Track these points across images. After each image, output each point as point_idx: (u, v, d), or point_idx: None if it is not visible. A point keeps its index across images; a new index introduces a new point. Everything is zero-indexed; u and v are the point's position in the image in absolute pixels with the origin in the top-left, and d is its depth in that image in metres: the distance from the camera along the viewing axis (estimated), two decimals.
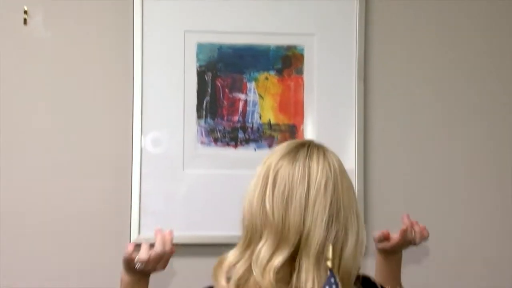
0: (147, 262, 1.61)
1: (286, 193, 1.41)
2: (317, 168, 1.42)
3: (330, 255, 1.32)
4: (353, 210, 1.44)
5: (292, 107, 2.12)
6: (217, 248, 2.06)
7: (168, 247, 1.64)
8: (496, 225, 2.24)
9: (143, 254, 1.60)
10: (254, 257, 1.41)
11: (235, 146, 2.11)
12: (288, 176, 1.42)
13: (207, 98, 2.09)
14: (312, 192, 1.41)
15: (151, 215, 2.06)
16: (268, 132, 2.11)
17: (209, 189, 2.08)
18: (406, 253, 1.74)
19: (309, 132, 2.11)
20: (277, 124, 2.12)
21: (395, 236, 1.71)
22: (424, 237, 1.74)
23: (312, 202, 1.40)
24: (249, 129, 2.11)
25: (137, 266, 1.61)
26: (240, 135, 2.10)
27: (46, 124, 2.06)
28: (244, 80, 2.11)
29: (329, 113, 2.13)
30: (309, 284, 1.37)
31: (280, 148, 1.48)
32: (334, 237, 1.39)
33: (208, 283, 2.02)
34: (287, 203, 1.40)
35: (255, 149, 2.11)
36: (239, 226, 2.04)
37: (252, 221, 1.45)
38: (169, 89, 2.08)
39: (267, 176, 1.43)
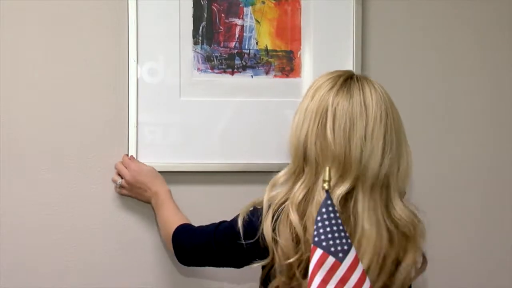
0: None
1: (347, 129, 1.49)
2: (372, 102, 1.51)
3: (327, 177, 1.32)
4: (403, 137, 1.55)
5: (289, 32, 2.10)
6: (214, 175, 2.09)
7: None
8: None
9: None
10: (317, 187, 1.50)
11: (232, 73, 2.09)
12: (347, 112, 1.50)
13: (203, 23, 2.06)
14: (370, 126, 1.49)
15: (148, 144, 2.05)
16: (265, 58, 2.09)
17: (206, 117, 2.07)
18: None
19: (307, 58, 2.09)
20: (274, 50, 2.09)
21: None
22: None
23: (369, 136, 1.49)
24: (246, 56, 2.08)
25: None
26: (237, 61, 2.08)
27: (40, 54, 2.03)
28: (241, 5, 2.08)
29: (326, 38, 2.10)
30: (366, 213, 1.50)
31: (328, 82, 1.55)
32: (388, 166, 1.50)
33: (210, 210, 2.05)
34: (349, 138, 1.48)
35: (252, 76, 2.09)
36: (235, 154, 2.07)
37: (309, 155, 1.52)
38: (164, 14, 2.04)
39: (325, 112, 1.51)
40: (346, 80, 1.54)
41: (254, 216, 1.58)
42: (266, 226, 1.54)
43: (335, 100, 1.51)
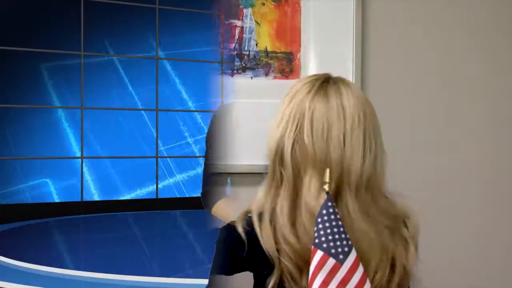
0: None
1: (325, 132, 1.48)
2: (349, 104, 1.50)
3: (327, 179, 1.32)
4: (380, 137, 1.53)
5: (289, 33, 2.09)
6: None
7: None
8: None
9: None
10: (304, 190, 1.48)
11: (232, 74, 2.09)
12: (324, 115, 1.49)
13: None
14: (348, 128, 1.48)
15: None
16: (264, 59, 2.09)
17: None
18: None
19: (307, 59, 2.09)
20: (274, 52, 2.09)
21: None
22: None
23: (349, 138, 1.48)
24: (246, 57, 2.08)
25: None
26: (237, 63, 2.08)
27: None
28: (241, 6, 2.08)
29: (326, 39, 2.10)
30: (351, 209, 1.47)
31: (306, 87, 1.53)
32: (369, 167, 1.49)
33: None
34: (327, 141, 1.47)
35: (251, 77, 2.09)
36: (234, 155, 2.07)
37: (286, 159, 1.49)
38: None
39: (302, 117, 1.49)
40: (323, 83, 1.53)
41: (245, 225, 1.54)
42: (266, 235, 1.50)
43: (311, 104, 1.50)
